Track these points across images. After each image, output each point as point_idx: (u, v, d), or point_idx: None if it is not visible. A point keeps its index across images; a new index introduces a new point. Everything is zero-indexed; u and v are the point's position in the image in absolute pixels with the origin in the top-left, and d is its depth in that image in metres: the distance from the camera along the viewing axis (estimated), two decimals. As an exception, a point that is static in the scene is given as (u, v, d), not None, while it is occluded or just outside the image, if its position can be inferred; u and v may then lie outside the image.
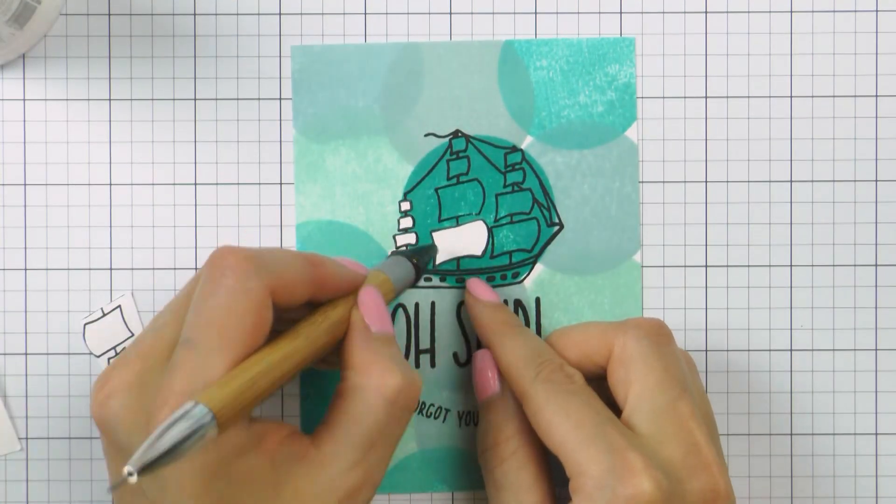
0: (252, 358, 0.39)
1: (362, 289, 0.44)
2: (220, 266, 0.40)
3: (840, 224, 0.51)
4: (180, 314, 0.41)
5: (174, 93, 0.50)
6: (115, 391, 0.40)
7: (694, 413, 0.43)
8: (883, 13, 0.51)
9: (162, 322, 0.42)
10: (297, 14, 0.50)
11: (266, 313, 0.40)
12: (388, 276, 0.46)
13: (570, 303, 0.51)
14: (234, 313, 0.39)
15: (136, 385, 0.40)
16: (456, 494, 0.51)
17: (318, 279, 0.43)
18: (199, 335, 0.39)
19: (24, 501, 0.50)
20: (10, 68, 0.50)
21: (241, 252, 0.41)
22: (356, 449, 0.41)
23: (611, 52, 0.51)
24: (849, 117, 0.51)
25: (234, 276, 0.40)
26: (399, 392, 0.42)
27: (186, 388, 0.38)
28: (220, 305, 0.39)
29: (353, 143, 0.50)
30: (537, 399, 0.44)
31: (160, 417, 0.38)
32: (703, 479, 0.42)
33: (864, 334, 0.51)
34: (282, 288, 0.41)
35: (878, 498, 0.51)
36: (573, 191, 0.51)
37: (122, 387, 0.40)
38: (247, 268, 0.40)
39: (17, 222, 0.50)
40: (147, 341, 0.41)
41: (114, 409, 0.40)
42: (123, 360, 0.41)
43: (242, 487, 0.39)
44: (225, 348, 0.39)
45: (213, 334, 0.39)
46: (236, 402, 0.37)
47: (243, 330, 0.39)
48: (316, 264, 0.43)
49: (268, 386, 0.39)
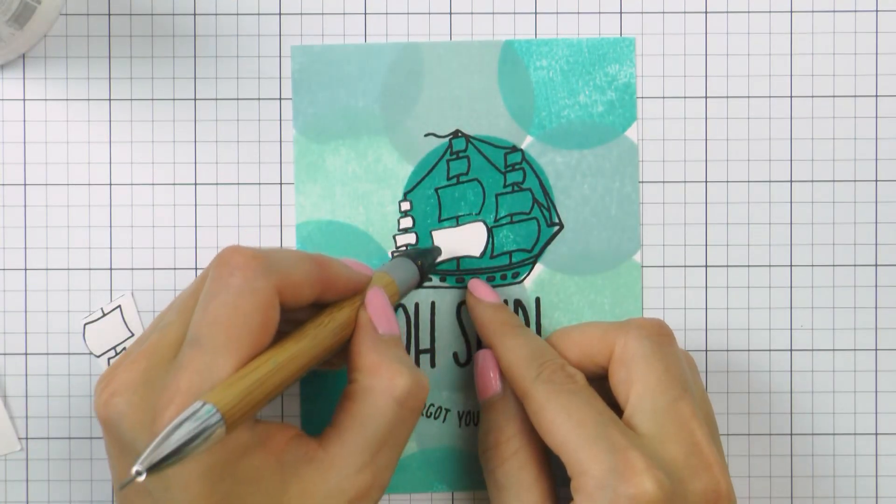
0: (259, 358, 0.39)
1: (370, 290, 0.44)
2: (227, 265, 0.40)
3: (840, 224, 0.51)
4: (186, 313, 0.41)
5: (174, 93, 0.50)
6: (119, 389, 0.40)
7: (695, 413, 0.43)
8: (883, 13, 0.51)
9: (167, 321, 0.42)
10: (297, 14, 0.50)
11: (273, 313, 0.40)
12: (393, 279, 0.46)
13: (570, 303, 0.51)
14: (242, 313, 0.39)
15: (140, 383, 0.40)
16: (456, 494, 0.51)
17: (325, 280, 0.43)
18: (205, 334, 0.39)
19: (24, 501, 0.50)
20: (10, 68, 0.50)
21: (249, 251, 0.41)
22: (365, 451, 0.41)
23: (611, 52, 0.51)
24: (849, 117, 0.51)
25: (241, 275, 0.40)
26: (408, 393, 0.42)
27: (193, 386, 0.38)
28: (227, 304, 0.39)
29: (353, 143, 0.50)
30: (539, 399, 0.44)
31: (166, 416, 0.38)
32: (705, 480, 0.42)
33: (864, 334, 0.51)
34: (289, 288, 0.41)
35: (878, 498, 0.51)
36: (573, 191, 0.51)
37: (127, 385, 0.40)
38: (254, 267, 0.40)
39: (17, 222, 0.50)
40: (152, 340, 0.41)
41: (118, 407, 0.39)
42: (128, 359, 0.41)
43: (248, 488, 0.39)
44: (232, 348, 0.39)
45: (220, 333, 0.39)
46: (244, 403, 0.37)
47: (250, 329, 0.39)
48: (322, 265, 0.43)
49: (275, 387, 0.39)
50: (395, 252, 0.50)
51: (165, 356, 0.40)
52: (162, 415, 0.38)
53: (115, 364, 0.41)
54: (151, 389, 0.39)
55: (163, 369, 0.40)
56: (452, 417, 0.51)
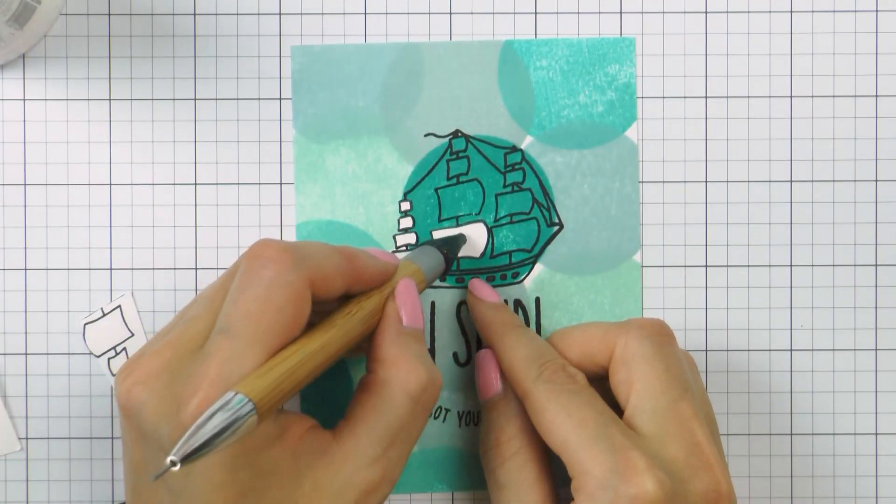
0: (290, 348, 0.39)
1: (401, 281, 0.44)
2: (260, 258, 0.41)
3: (840, 224, 0.51)
4: (213, 306, 0.41)
5: (174, 93, 0.50)
6: (142, 378, 0.40)
7: (696, 413, 0.43)
8: (883, 13, 0.51)
9: (193, 314, 0.42)
10: (297, 14, 0.50)
11: (305, 306, 0.40)
12: (419, 267, 0.46)
13: (570, 303, 0.51)
14: (274, 305, 0.39)
15: (165, 372, 0.40)
16: (456, 494, 0.51)
17: (354, 272, 0.43)
18: (236, 325, 0.39)
19: (24, 501, 0.50)
20: (10, 68, 0.50)
21: (281, 244, 0.41)
22: (376, 444, 0.41)
23: (611, 52, 0.51)
24: (849, 117, 0.51)
25: (274, 267, 0.40)
26: (423, 389, 0.42)
27: (221, 376, 0.38)
28: (259, 296, 0.40)
29: (353, 143, 0.50)
30: (539, 399, 0.44)
31: (192, 405, 0.38)
32: (706, 480, 0.42)
33: (864, 334, 0.51)
34: (320, 280, 0.41)
35: (878, 498, 0.51)
36: (573, 191, 0.51)
37: (151, 374, 0.40)
38: (286, 260, 0.40)
39: (17, 222, 0.50)
40: (176, 331, 0.41)
41: (141, 396, 0.39)
42: (152, 349, 0.41)
43: (265, 479, 0.39)
44: (262, 339, 0.39)
45: (251, 324, 0.39)
46: (275, 393, 0.37)
47: (281, 321, 0.39)
48: (350, 257, 0.43)
49: (305, 376, 0.39)
50: (396, 251, 0.50)
51: (191, 347, 0.40)
52: (188, 403, 0.38)
53: (136, 354, 0.41)
54: (176, 379, 0.39)
55: (188, 360, 0.40)
56: (452, 417, 0.51)
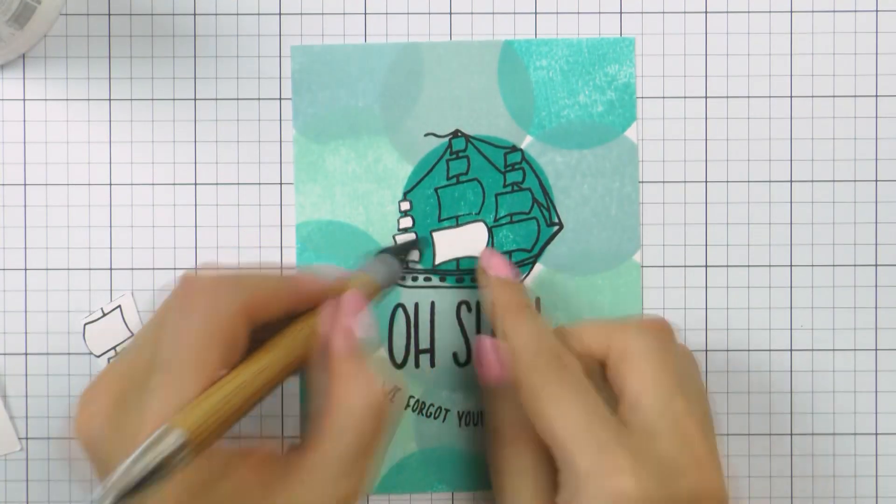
0: (226, 377, 0.40)
1: (345, 293, 0.44)
2: (190, 289, 0.41)
3: (840, 224, 0.51)
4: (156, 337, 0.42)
5: (174, 93, 0.50)
6: (97, 412, 0.40)
7: (689, 410, 0.43)
8: (883, 13, 0.51)
9: (143, 340, 0.42)
10: (297, 14, 0.50)
11: (239, 332, 0.41)
12: (371, 277, 0.46)
13: (570, 303, 0.51)
14: (207, 334, 0.40)
15: (117, 406, 0.40)
16: (456, 494, 0.51)
17: (295, 292, 0.43)
18: (172, 358, 0.40)
19: (24, 501, 0.50)
20: (10, 68, 0.50)
21: (209, 275, 0.42)
22: (344, 460, 0.41)
23: (611, 52, 0.51)
24: (849, 117, 0.51)
25: (204, 298, 0.41)
26: (383, 400, 0.42)
27: (163, 410, 0.38)
28: (191, 328, 0.40)
29: (353, 143, 0.50)
30: (531, 387, 0.43)
31: (139, 440, 0.38)
32: (695, 477, 0.42)
33: (864, 334, 0.51)
34: (258, 305, 0.42)
35: (878, 498, 0.51)
36: (573, 191, 0.51)
37: (104, 407, 0.40)
38: (216, 288, 0.41)
39: (17, 222, 0.50)
40: (127, 359, 0.42)
41: (95, 430, 0.40)
42: (105, 379, 0.41)
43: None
44: (198, 370, 0.39)
45: (186, 356, 0.40)
46: (210, 422, 0.38)
47: (216, 350, 0.40)
48: (291, 278, 0.44)
49: (243, 402, 0.39)
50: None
51: (141, 378, 0.41)
52: (136, 438, 0.38)
53: (92, 385, 0.41)
54: (127, 412, 0.40)
55: (138, 391, 0.40)
56: (452, 417, 0.51)
